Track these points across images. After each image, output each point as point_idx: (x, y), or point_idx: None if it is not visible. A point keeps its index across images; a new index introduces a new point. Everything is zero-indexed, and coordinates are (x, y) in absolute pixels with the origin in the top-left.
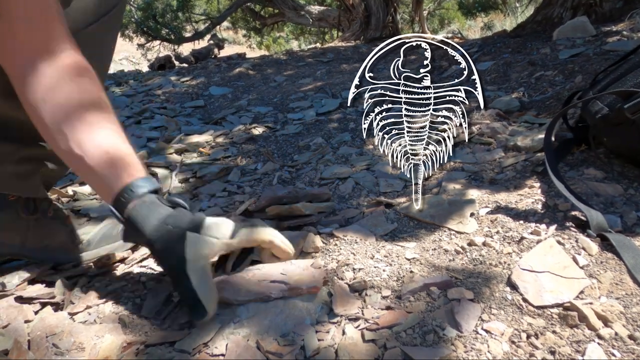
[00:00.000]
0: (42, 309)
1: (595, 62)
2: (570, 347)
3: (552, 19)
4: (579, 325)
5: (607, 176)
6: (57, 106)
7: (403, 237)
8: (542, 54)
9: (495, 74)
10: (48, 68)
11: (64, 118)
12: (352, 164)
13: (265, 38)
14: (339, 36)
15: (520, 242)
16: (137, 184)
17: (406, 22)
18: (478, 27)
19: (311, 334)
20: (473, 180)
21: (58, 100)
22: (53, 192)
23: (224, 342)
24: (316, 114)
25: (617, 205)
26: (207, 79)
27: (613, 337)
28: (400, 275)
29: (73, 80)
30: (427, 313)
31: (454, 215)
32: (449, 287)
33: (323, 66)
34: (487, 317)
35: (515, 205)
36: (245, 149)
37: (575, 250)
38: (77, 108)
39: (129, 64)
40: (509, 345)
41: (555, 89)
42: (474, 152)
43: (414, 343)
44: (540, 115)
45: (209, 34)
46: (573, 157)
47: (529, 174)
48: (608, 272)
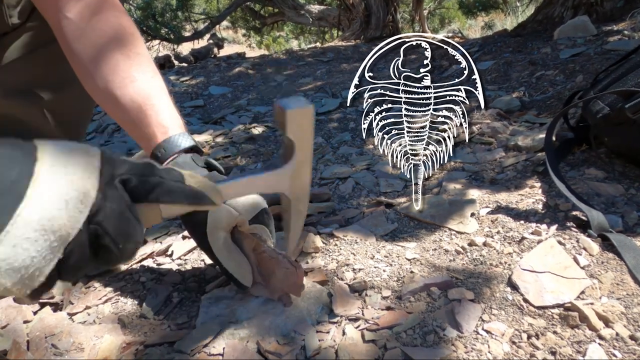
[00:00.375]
0: (41, 309)
1: (596, 62)
2: (571, 348)
3: (553, 19)
4: (579, 326)
5: (608, 176)
6: (91, 46)
7: (403, 237)
8: (542, 53)
9: (495, 73)
10: (80, 6)
11: (99, 58)
12: (352, 163)
13: (265, 37)
14: (339, 35)
15: (521, 242)
16: (172, 141)
17: (406, 21)
18: (479, 27)
19: (311, 334)
20: (474, 180)
21: (93, 40)
22: None
23: (223, 343)
24: (316, 114)
25: (618, 205)
26: (207, 78)
27: (614, 337)
28: (401, 276)
29: (106, 15)
30: (427, 313)
31: (455, 215)
32: (449, 288)
33: (323, 66)
34: (488, 318)
35: (516, 205)
36: (244, 148)
37: (576, 250)
38: (114, 47)
39: None
40: (510, 345)
41: (556, 88)
42: (474, 151)
43: (415, 343)
44: (541, 115)
45: (208, 34)
46: (574, 157)
47: (530, 174)
48: (609, 272)
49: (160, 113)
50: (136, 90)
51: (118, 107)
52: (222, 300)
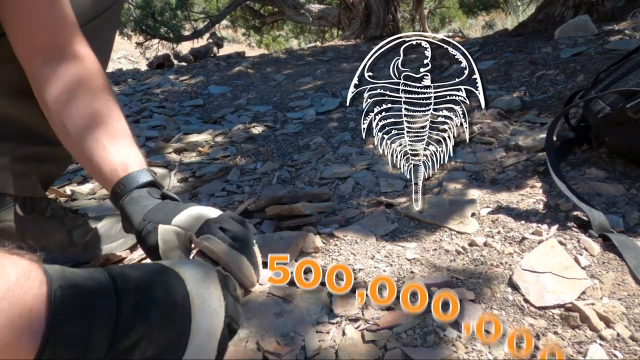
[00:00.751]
0: None
1: (597, 61)
2: (572, 348)
3: (553, 18)
4: (580, 326)
5: (609, 176)
6: (72, 109)
7: (403, 238)
8: (543, 53)
9: (496, 73)
10: (60, 69)
11: (79, 123)
12: (352, 163)
13: (265, 37)
14: (339, 35)
15: (522, 242)
16: (130, 178)
17: (407, 20)
18: (479, 26)
19: (311, 335)
20: (474, 180)
21: (73, 104)
22: (51, 191)
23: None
24: (316, 113)
25: (619, 205)
26: (206, 77)
27: (615, 338)
28: (401, 276)
29: (85, 83)
30: (427, 314)
31: (455, 215)
32: (450, 288)
33: (323, 65)
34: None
35: (517, 205)
36: (244, 148)
37: (577, 250)
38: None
39: (127, 63)
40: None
41: (556, 88)
42: (475, 151)
43: (415, 344)
44: (542, 115)
45: (208, 33)
46: (575, 157)
47: (531, 174)
48: (610, 272)
49: (120, 152)
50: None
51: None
52: None
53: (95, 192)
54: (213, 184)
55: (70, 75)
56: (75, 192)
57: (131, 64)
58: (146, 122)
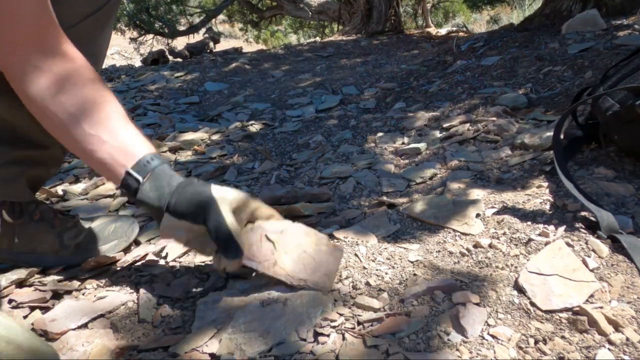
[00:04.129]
0: (31, 313)
1: (605, 57)
2: (580, 353)
3: (561, 12)
4: (588, 330)
5: (618, 175)
6: (62, 105)
7: (406, 239)
8: (550, 48)
9: (501, 69)
10: (46, 65)
11: (69, 116)
12: (353, 162)
13: (263, 32)
14: (340, 30)
15: (528, 243)
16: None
17: (409, 15)
18: (484, 21)
19: (311, 338)
20: (479, 180)
21: (61, 99)
22: (42, 192)
23: (219, 347)
24: (316, 111)
25: (628, 205)
26: (202, 74)
27: (624, 342)
28: (403, 279)
29: (75, 75)
30: (431, 317)
31: (459, 216)
32: (453, 291)
33: (323, 61)
34: (494, 322)
35: (523, 205)
36: (241, 147)
37: (585, 252)
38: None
39: (120, 59)
40: (516, 351)
41: (564, 84)
42: (479, 150)
43: (418, 349)
44: (549, 112)
45: (204, 28)
46: (583, 156)
47: (537, 173)
48: (619, 275)
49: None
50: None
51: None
52: (218, 304)
53: (88, 192)
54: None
55: (59, 68)
56: (67, 192)
57: (125, 60)
58: (140, 120)
